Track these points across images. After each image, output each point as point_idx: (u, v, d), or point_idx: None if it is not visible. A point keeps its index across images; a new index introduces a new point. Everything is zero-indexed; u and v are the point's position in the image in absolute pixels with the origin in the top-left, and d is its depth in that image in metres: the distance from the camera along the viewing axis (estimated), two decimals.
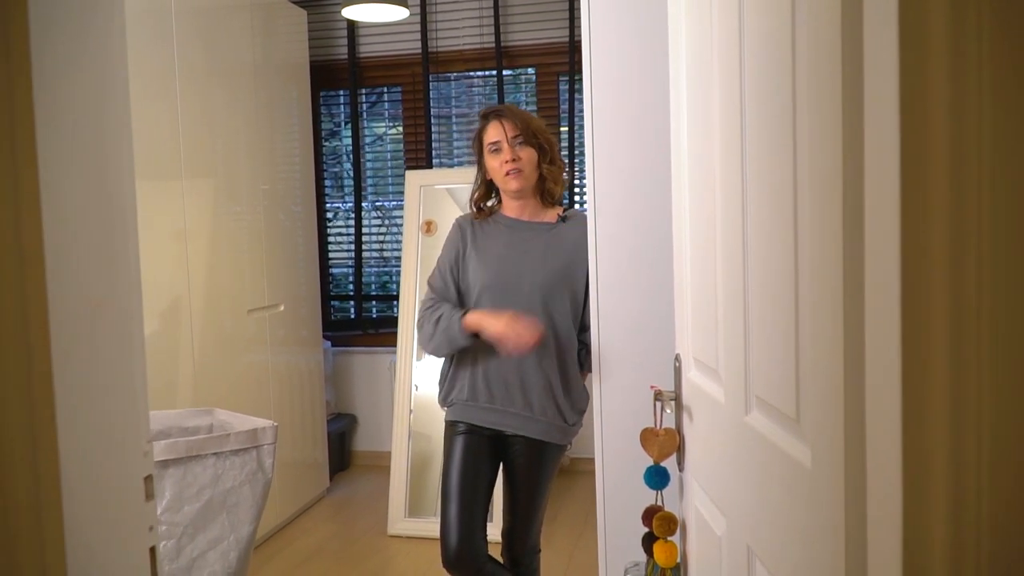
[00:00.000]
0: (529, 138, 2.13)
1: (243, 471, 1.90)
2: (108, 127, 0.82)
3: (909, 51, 0.56)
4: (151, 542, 0.87)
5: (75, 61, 0.77)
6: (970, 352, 0.56)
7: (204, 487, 1.85)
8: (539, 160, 2.15)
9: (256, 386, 3.48)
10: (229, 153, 3.35)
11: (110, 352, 0.81)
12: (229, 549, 1.86)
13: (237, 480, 1.89)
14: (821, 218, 0.76)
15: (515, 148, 2.12)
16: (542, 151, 2.15)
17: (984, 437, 0.56)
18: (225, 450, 1.88)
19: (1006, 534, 0.56)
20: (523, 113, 2.19)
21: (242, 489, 1.90)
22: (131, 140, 0.84)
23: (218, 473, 1.87)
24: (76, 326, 0.76)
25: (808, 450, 0.83)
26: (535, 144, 2.14)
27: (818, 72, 0.75)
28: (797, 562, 0.88)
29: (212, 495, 1.86)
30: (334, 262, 4.70)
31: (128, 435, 0.83)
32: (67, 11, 0.76)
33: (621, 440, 1.90)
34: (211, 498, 1.85)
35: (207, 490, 1.85)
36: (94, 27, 0.81)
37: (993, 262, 0.55)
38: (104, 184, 0.81)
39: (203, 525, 1.84)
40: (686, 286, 1.34)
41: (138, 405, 0.85)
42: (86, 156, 0.78)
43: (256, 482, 1.92)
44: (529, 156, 2.13)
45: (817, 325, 0.78)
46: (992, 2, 0.54)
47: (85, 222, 0.78)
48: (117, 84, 0.83)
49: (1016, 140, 0.53)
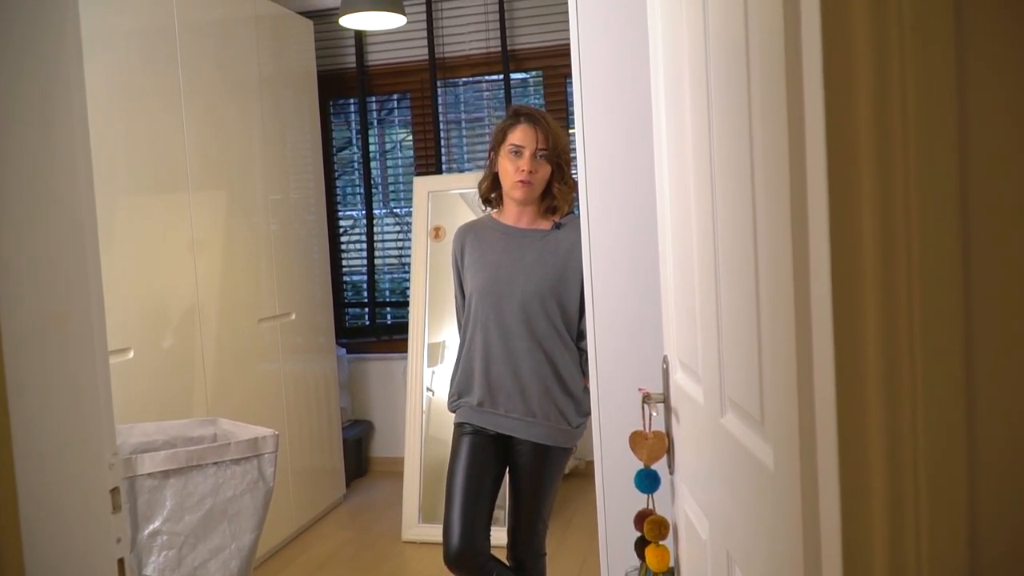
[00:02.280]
0: (551, 155, 2.13)
1: (244, 480, 1.91)
2: (60, 139, 0.83)
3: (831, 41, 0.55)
4: (119, 554, 0.87)
5: (25, 71, 0.78)
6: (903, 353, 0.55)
7: (205, 496, 1.86)
8: (552, 178, 2.16)
9: (270, 395, 3.50)
10: (240, 165, 3.38)
11: (70, 365, 0.82)
12: (230, 558, 1.87)
13: (238, 489, 1.90)
14: (774, 224, 0.75)
15: (535, 160, 2.12)
16: (559, 169, 2.16)
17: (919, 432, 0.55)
18: (225, 459, 1.90)
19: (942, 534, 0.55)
20: (556, 127, 2.18)
21: (243, 498, 1.91)
22: (88, 152, 0.85)
23: (219, 482, 1.88)
24: (30, 339, 0.77)
25: (771, 451, 0.81)
26: (554, 162, 2.14)
27: (767, 83, 0.74)
28: (767, 564, 0.87)
29: (213, 504, 1.87)
30: (350, 269, 4.72)
31: (91, 448, 0.84)
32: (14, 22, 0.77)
33: (619, 444, 1.88)
34: (212, 507, 1.87)
35: (208, 499, 1.86)
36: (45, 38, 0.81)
37: (922, 261, 0.54)
38: (59, 196, 0.82)
39: (204, 535, 1.85)
40: (670, 289, 1.33)
41: (101, 417, 0.85)
42: (37, 168, 0.79)
43: (257, 491, 1.93)
44: (544, 173, 2.14)
45: (774, 328, 0.77)
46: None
47: (36, 237, 0.78)
48: (72, 95, 0.84)
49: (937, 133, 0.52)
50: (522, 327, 2.12)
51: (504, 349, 2.13)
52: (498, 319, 2.14)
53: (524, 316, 2.10)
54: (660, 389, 1.44)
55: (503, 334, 2.13)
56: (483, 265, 2.18)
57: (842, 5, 0.55)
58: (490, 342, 2.14)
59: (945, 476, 0.54)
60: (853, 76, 0.55)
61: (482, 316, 2.15)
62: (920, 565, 0.56)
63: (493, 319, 2.14)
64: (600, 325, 1.90)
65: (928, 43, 0.52)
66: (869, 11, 0.53)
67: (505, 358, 2.13)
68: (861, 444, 0.57)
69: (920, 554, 0.56)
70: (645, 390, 1.41)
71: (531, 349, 2.12)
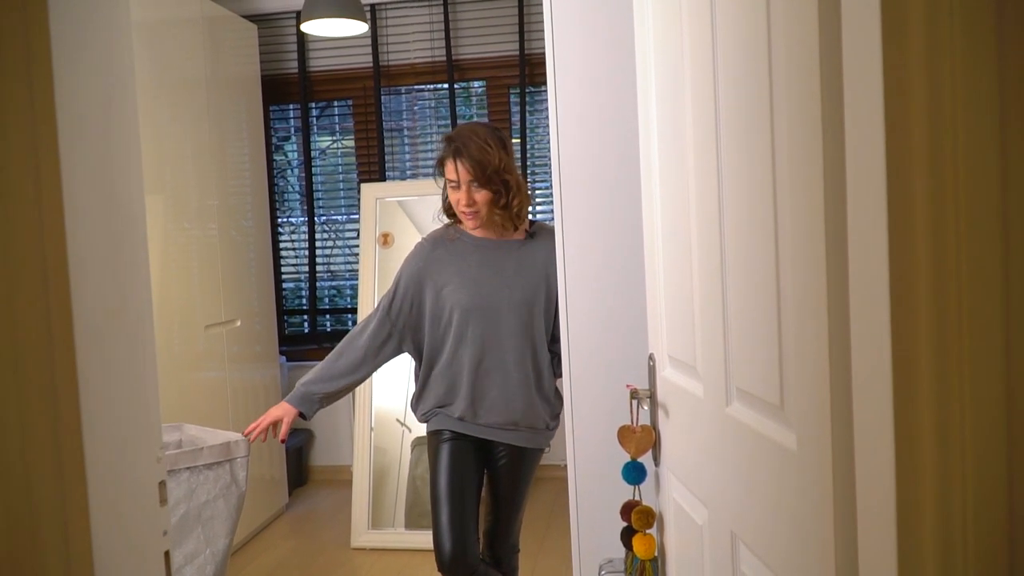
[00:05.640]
0: (484, 182, 2.11)
1: (217, 485, 1.90)
2: (118, 139, 0.84)
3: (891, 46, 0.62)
4: (165, 546, 0.88)
5: (89, 77, 0.79)
6: (952, 335, 0.62)
7: (179, 502, 1.84)
8: (493, 201, 2.14)
9: (213, 402, 3.44)
10: (176, 169, 3.31)
11: (125, 360, 0.83)
12: (205, 563, 1.86)
13: (211, 494, 1.89)
14: (802, 210, 0.81)
15: (471, 190, 2.12)
16: (497, 194, 2.13)
17: (967, 412, 0.63)
18: (198, 464, 1.88)
19: (992, 509, 0.62)
20: (482, 152, 2.11)
21: (216, 503, 1.90)
22: (139, 151, 0.86)
23: (192, 487, 1.86)
24: (94, 335, 0.78)
25: (793, 434, 0.88)
26: (491, 188, 2.12)
27: (796, 67, 0.81)
28: (784, 541, 0.94)
29: (187, 510, 1.85)
30: (284, 277, 4.67)
31: (143, 441, 0.85)
32: (82, 26, 0.78)
33: (593, 440, 1.94)
34: (186, 512, 1.85)
35: (182, 504, 1.84)
36: (104, 39, 0.83)
37: (970, 245, 0.61)
38: (115, 195, 0.83)
39: (179, 540, 1.83)
40: (659, 288, 1.40)
41: (151, 411, 0.86)
42: (99, 166, 0.80)
43: (230, 495, 1.92)
44: (484, 198, 2.12)
45: (801, 315, 0.84)
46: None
47: (100, 233, 0.80)
48: (126, 100, 0.85)
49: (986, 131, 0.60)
50: (512, 339, 2.15)
51: (493, 363, 2.16)
52: (486, 333, 2.16)
53: (514, 328, 2.14)
54: (639, 386, 1.50)
55: (492, 348, 2.16)
56: (463, 280, 2.18)
57: (899, 9, 0.62)
58: (479, 357, 2.16)
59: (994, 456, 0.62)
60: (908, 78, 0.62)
61: (468, 332, 2.16)
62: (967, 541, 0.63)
63: (480, 334, 2.16)
64: (575, 326, 1.96)
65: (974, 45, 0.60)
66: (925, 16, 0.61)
67: (494, 372, 2.16)
68: (915, 423, 0.64)
69: (966, 516, 0.63)
70: (633, 386, 1.47)
71: (520, 360, 2.16)
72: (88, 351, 0.76)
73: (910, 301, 0.63)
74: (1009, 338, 0.62)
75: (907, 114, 0.62)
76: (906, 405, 0.65)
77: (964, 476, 0.63)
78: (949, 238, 0.62)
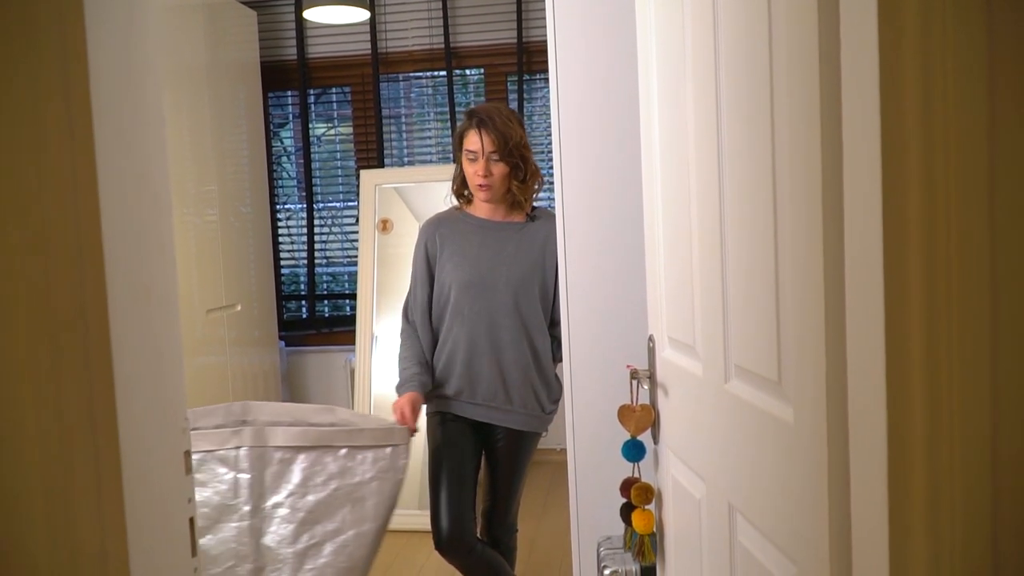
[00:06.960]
0: (504, 155, 2.18)
1: (374, 467, 1.94)
2: (145, 121, 0.88)
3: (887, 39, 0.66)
4: (190, 513, 0.92)
5: (120, 61, 0.83)
6: (942, 312, 0.67)
7: (331, 477, 1.88)
8: (510, 176, 2.21)
9: (215, 387, 3.48)
10: (175, 155, 3.33)
11: (154, 336, 0.87)
12: (347, 543, 1.89)
13: (367, 476, 1.93)
14: (801, 192, 0.85)
15: (490, 163, 2.18)
16: (516, 168, 2.20)
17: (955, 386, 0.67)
18: (357, 444, 1.92)
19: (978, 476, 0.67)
20: (505, 126, 2.19)
21: (370, 485, 1.93)
22: (163, 133, 0.90)
23: (348, 466, 1.90)
24: (127, 313, 0.81)
25: (790, 408, 0.93)
26: (510, 161, 2.19)
27: (796, 56, 0.85)
28: (780, 511, 0.98)
29: (338, 487, 1.90)
30: (283, 263, 4.70)
31: (170, 412, 0.89)
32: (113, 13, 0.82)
33: (592, 421, 1.99)
34: (336, 490, 1.89)
35: (333, 481, 1.89)
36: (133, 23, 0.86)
37: (960, 223, 0.65)
38: (144, 174, 0.87)
39: (324, 516, 1.88)
40: (659, 271, 1.44)
41: (178, 384, 0.90)
42: (130, 144, 0.84)
43: (386, 480, 1.95)
44: (501, 172, 2.19)
45: (799, 294, 0.88)
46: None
47: (131, 210, 0.83)
48: (150, 83, 0.89)
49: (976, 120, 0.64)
50: (508, 318, 2.20)
51: (488, 340, 2.20)
52: (483, 310, 2.20)
53: (509, 306, 2.19)
54: (639, 367, 1.55)
55: (489, 325, 2.20)
56: (463, 258, 2.23)
57: (895, 11, 0.66)
58: (475, 334, 2.21)
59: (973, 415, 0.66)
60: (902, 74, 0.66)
61: (465, 308, 2.21)
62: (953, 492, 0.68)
63: (477, 310, 2.21)
64: (575, 309, 2.00)
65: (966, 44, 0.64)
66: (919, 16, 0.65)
67: (489, 349, 2.20)
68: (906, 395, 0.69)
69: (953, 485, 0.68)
70: (633, 367, 1.52)
71: (516, 340, 2.21)
72: (121, 327, 0.80)
73: (902, 280, 0.67)
74: (996, 311, 0.66)
75: (901, 105, 0.66)
76: (898, 379, 0.69)
77: (952, 445, 0.68)
78: (940, 219, 0.66)
